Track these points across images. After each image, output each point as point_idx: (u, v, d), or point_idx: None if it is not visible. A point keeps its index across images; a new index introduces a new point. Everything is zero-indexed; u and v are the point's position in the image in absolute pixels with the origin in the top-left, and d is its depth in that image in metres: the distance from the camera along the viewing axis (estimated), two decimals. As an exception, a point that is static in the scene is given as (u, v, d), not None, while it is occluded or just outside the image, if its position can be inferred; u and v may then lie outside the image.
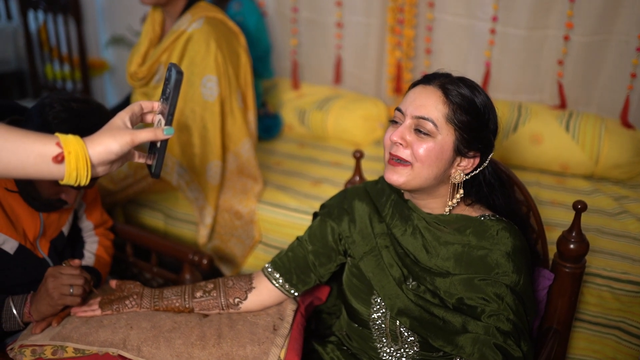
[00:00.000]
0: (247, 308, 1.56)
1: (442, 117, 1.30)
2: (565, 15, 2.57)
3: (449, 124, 1.30)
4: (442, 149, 1.30)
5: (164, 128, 1.13)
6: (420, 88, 1.35)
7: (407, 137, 1.32)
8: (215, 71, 2.26)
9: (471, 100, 1.31)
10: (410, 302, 1.37)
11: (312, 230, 1.58)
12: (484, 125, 1.33)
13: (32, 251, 1.64)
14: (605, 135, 2.51)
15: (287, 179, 2.64)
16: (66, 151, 1.02)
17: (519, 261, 1.34)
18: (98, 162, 1.07)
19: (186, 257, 1.96)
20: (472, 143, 1.32)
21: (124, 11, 3.93)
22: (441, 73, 1.38)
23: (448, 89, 1.31)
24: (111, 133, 1.09)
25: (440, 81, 1.34)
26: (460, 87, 1.32)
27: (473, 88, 1.34)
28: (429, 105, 1.30)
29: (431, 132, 1.30)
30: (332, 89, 3.22)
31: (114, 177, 2.34)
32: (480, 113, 1.32)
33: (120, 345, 1.43)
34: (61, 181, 1.04)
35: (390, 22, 2.95)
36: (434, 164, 1.31)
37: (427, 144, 1.30)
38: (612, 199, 2.39)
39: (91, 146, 1.06)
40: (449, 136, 1.30)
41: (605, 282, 1.94)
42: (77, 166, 1.03)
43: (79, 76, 4.13)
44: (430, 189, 1.37)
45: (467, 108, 1.30)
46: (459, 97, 1.30)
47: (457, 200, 1.38)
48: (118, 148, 1.07)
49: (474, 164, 1.35)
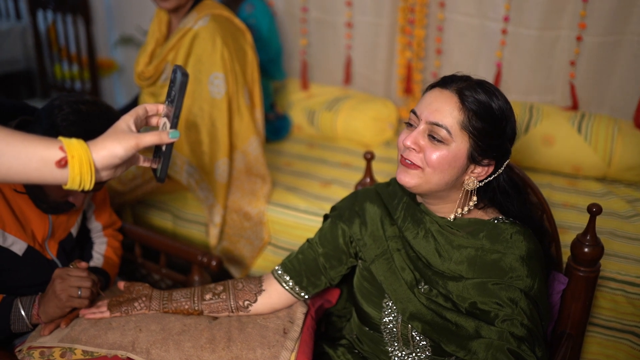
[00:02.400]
0: (256, 311, 1.55)
1: (456, 124, 1.27)
2: (578, 16, 2.54)
3: (464, 131, 1.27)
4: (455, 157, 1.28)
5: (170, 131, 1.11)
6: (437, 91, 1.32)
7: (421, 142, 1.29)
8: (222, 68, 2.25)
9: (488, 107, 1.28)
10: (423, 306, 1.35)
11: (323, 233, 1.57)
12: (500, 133, 1.30)
13: (41, 252, 1.63)
14: (618, 136, 2.48)
15: (296, 180, 2.63)
16: (69, 155, 1.00)
17: (533, 265, 1.32)
18: (102, 167, 1.05)
19: (195, 259, 1.95)
20: (487, 151, 1.29)
21: (133, 11, 3.93)
22: (460, 76, 1.34)
23: (465, 95, 1.28)
24: (116, 137, 1.06)
25: (458, 85, 1.30)
26: (477, 92, 1.28)
27: (491, 94, 1.30)
28: (444, 111, 1.27)
29: (445, 140, 1.27)
30: (342, 90, 3.21)
31: (123, 178, 2.33)
32: (497, 120, 1.29)
33: (129, 347, 1.42)
34: (65, 186, 1.03)
35: (400, 22, 2.93)
36: (445, 170, 1.28)
37: (440, 151, 1.27)
38: (625, 202, 2.36)
39: (95, 150, 1.04)
40: (463, 143, 1.28)
41: (619, 286, 1.92)
42: (80, 171, 1.01)
43: (88, 76, 4.14)
44: (442, 193, 1.35)
45: (484, 115, 1.27)
46: (475, 103, 1.27)
47: (468, 208, 1.36)
48: (122, 152, 1.05)
49: (488, 171, 1.33)
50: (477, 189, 1.35)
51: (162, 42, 2.37)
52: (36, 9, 4.19)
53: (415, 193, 1.40)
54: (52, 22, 4.16)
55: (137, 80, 2.40)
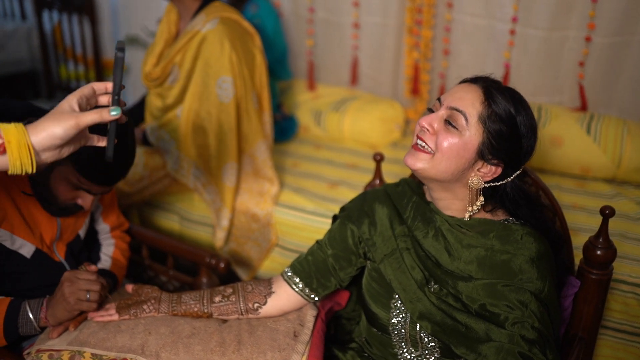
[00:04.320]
0: (266, 313, 1.54)
1: (476, 114, 1.28)
2: (587, 16, 2.53)
3: (480, 124, 1.28)
4: (465, 147, 1.28)
5: (111, 108, 1.11)
6: (465, 84, 1.34)
7: (435, 124, 1.31)
8: (230, 72, 2.24)
9: (510, 110, 1.29)
10: (433, 306, 1.35)
11: (332, 234, 1.56)
12: (515, 139, 1.30)
13: (49, 255, 1.63)
14: (628, 137, 2.47)
15: (303, 181, 2.62)
16: (6, 141, 1.01)
17: (544, 267, 1.30)
18: (42, 148, 1.05)
19: (203, 260, 1.94)
20: (498, 152, 1.29)
21: (139, 11, 3.93)
22: (493, 78, 1.36)
23: (491, 92, 1.29)
24: (55, 117, 1.07)
25: (487, 83, 1.32)
26: (504, 94, 1.30)
27: (518, 102, 1.31)
28: (467, 99, 1.29)
29: (460, 127, 1.28)
30: (349, 90, 3.20)
31: (130, 179, 2.33)
32: (515, 126, 1.29)
33: (139, 350, 1.41)
34: (8, 171, 1.03)
35: (408, 23, 2.92)
36: (453, 159, 1.29)
37: (453, 138, 1.28)
38: (635, 203, 2.34)
39: (33, 133, 1.04)
40: (477, 136, 1.28)
41: (631, 288, 1.91)
42: (19, 155, 1.02)
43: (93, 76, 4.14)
44: (446, 185, 1.35)
45: (504, 117, 1.28)
46: (499, 102, 1.28)
47: (477, 208, 1.35)
48: (62, 132, 1.05)
49: (494, 173, 1.32)
50: (485, 192, 1.35)
51: (171, 43, 2.36)
52: (41, 10, 4.19)
53: (419, 178, 1.39)
54: (57, 23, 4.16)
55: (145, 80, 2.39)
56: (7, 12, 4.60)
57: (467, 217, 1.37)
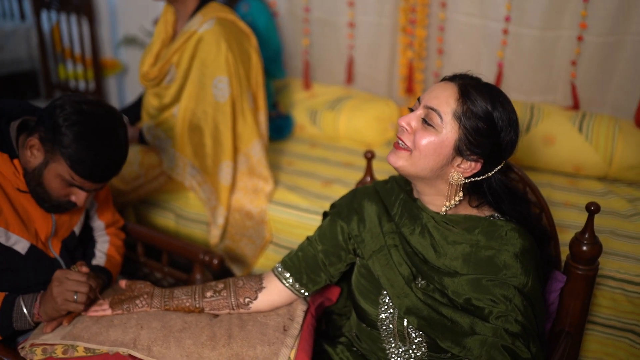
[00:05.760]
0: (257, 308, 1.56)
1: (450, 112, 1.30)
2: (579, 16, 2.55)
3: (455, 121, 1.30)
4: (442, 144, 1.31)
5: None
6: (442, 82, 1.37)
7: (413, 123, 1.34)
8: (226, 72, 2.26)
9: (485, 106, 1.30)
10: (419, 301, 1.37)
11: (322, 230, 1.58)
12: (493, 135, 1.31)
13: (44, 251, 1.65)
14: (619, 136, 2.48)
15: (298, 179, 2.64)
16: None
17: (527, 262, 1.32)
18: None
19: (197, 257, 1.96)
20: (476, 148, 1.30)
21: (137, 11, 3.94)
22: (471, 75, 1.37)
23: (467, 89, 1.31)
24: None
25: (464, 81, 1.34)
26: (480, 90, 1.31)
27: (495, 97, 1.32)
28: (442, 98, 1.31)
29: (436, 125, 1.30)
30: (344, 89, 3.22)
31: (126, 177, 2.35)
32: (492, 121, 1.30)
33: (131, 345, 1.43)
34: None
35: (402, 22, 2.94)
36: (430, 156, 1.31)
37: (429, 136, 1.31)
38: (626, 201, 2.36)
39: None
40: (452, 133, 1.30)
41: (619, 284, 1.92)
42: None
43: (92, 76, 4.15)
44: (428, 181, 1.37)
45: (479, 113, 1.29)
46: (474, 99, 1.29)
47: (455, 203, 1.37)
48: None
49: (474, 169, 1.34)
50: (468, 187, 1.37)
51: (168, 43, 2.38)
52: (40, 10, 4.21)
53: (403, 175, 1.42)
54: (56, 23, 4.18)
55: (142, 80, 2.41)
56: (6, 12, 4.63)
57: (443, 212, 1.39)
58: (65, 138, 1.46)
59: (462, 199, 1.38)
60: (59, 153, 1.47)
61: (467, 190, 1.38)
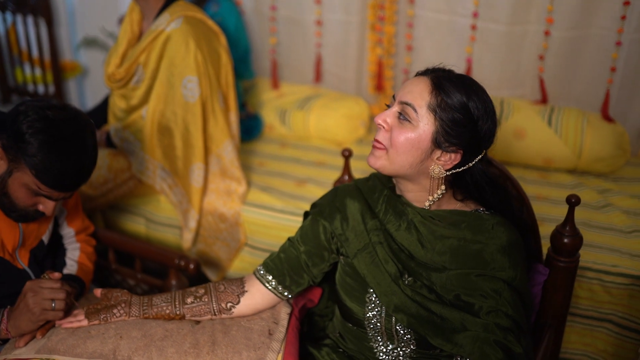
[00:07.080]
0: (239, 313, 1.52)
1: (424, 104, 1.30)
2: (546, 10, 2.58)
3: (431, 114, 1.30)
4: (419, 138, 1.30)
5: None
6: (416, 77, 1.37)
7: (389, 120, 1.34)
8: (195, 71, 2.21)
9: (460, 97, 1.30)
10: (407, 298, 1.35)
11: (304, 230, 1.56)
12: (469, 124, 1.30)
13: (11, 262, 1.58)
14: (587, 129, 2.52)
15: (270, 179, 2.60)
16: None
17: (515, 256, 1.33)
18: None
19: (172, 262, 1.92)
20: (453, 138, 1.30)
21: (96, 12, 3.85)
22: (443, 68, 1.38)
23: (440, 81, 1.31)
24: None
25: (436, 73, 1.34)
26: (453, 81, 1.31)
27: (469, 87, 1.32)
28: (416, 92, 1.32)
29: (412, 119, 1.30)
30: (313, 88, 3.19)
31: (94, 182, 2.28)
32: (467, 111, 1.30)
33: (110, 356, 1.38)
34: None
35: (370, 19, 2.93)
36: (408, 152, 1.31)
37: (406, 132, 1.31)
38: (596, 192, 2.40)
39: None
40: (429, 126, 1.30)
41: (596, 275, 1.95)
42: None
43: (51, 79, 4.04)
44: (410, 177, 1.36)
45: (454, 103, 1.29)
46: (448, 90, 1.30)
47: (437, 196, 1.37)
48: None
49: (454, 160, 1.33)
50: (451, 180, 1.37)
51: (134, 43, 2.32)
52: (-6, 11, 4.07)
53: (385, 175, 1.41)
54: (11, 24, 4.04)
55: (108, 82, 2.34)
56: (-43, 15, 4.46)
57: (427, 206, 1.39)
58: (30, 147, 1.39)
59: (446, 192, 1.37)
60: (24, 162, 1.41)
61: (450, 184, 1.38)
